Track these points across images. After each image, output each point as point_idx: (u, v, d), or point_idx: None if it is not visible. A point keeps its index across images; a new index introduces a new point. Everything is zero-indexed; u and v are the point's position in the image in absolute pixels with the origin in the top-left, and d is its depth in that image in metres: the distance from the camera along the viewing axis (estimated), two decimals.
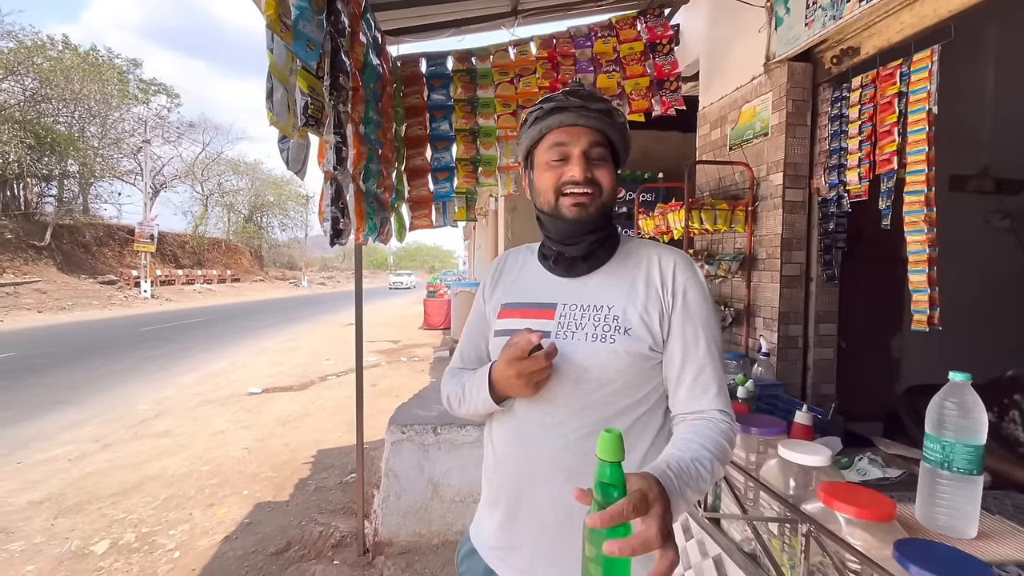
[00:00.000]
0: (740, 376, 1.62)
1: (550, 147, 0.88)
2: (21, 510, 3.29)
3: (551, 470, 0.85)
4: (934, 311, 1.78)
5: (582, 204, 0.87)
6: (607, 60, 2.91)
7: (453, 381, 0.99)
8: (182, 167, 30.08)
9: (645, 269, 0.90)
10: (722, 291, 2.70)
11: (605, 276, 0.91)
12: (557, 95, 0.89)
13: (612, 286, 0.90)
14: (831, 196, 2.16)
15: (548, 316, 0.90)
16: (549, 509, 0.86)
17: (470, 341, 1.04)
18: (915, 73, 1.76)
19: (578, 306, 0.89)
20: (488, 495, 0.98)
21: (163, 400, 6.01)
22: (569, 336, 0.87)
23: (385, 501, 2.74)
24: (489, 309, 1.00)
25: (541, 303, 0.92)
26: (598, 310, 0.87)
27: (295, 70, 1.31)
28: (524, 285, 0.97)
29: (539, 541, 0.87)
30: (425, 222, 2.92)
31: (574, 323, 0.88)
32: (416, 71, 2.88)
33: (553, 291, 0.93)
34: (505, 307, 0.96)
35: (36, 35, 19.24)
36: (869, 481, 1.28)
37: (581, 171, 0.86)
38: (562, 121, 0.87)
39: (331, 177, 1.63)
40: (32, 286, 16.64)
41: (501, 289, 1.00)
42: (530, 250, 1.03)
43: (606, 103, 0.89)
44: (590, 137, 0.87)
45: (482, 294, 1.04)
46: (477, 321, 1.03)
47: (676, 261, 0.91)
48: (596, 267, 0.92)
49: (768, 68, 2.34)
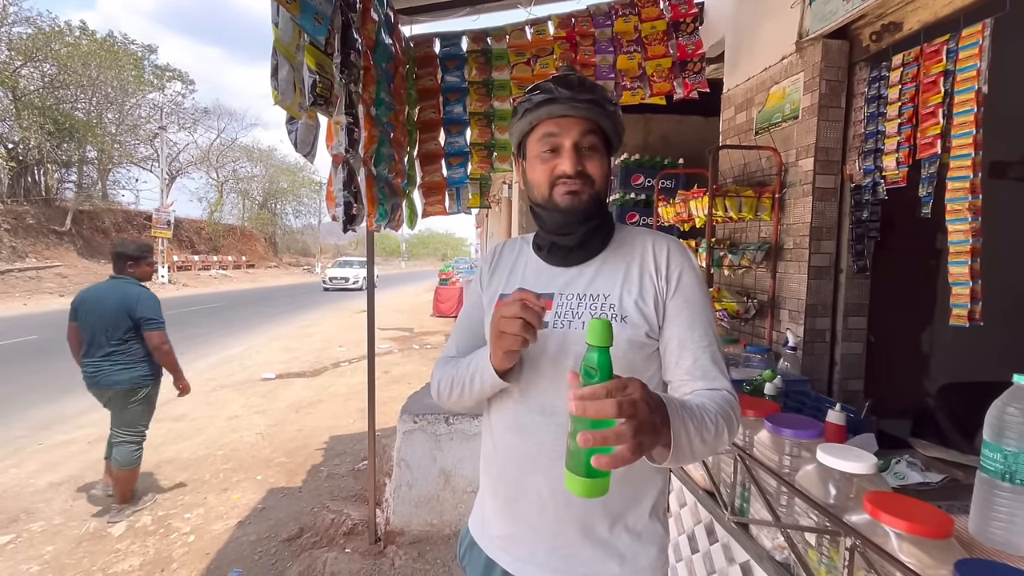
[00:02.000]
0: (767, 372, 1.54)
1: (541, 138, 0.88)
2: (42, 491, 3.36)
3: (550, 457, 0.86)
4: (976, 305, 1.67)
5: (574, 192, 0.88)
6: (628, 40, 2.79)
7: (446, 369, 0.98)
8: (197, 153, 30.29)
9: (639, 256, 0.92)
10: (745, 282, 2.60)
11: (600, 265, 0.92)
12: (546, 84, 0.87)
13: (607, 275, 0.91)
14: (866, 183, 2.05)
15: (546, 306, 0.90)
16: (549, 496, 0.87)
17: (467, 329, 1.03)
18: (964, 50, 1.63)
19: (575, 295, 0.90)
20: (487, 484, 0.98)
21: None
22: (567, 325, 0.88)
23: (397, 490, 2.72)
24: (486, 299, 1.00)
25: (539, 293, 0.91)
26: (594, 299, 0.89)
27: (302, 46, 1.24)
28: (520, 275, 0.97)
29: (539, 528, 0.89)
30: (438, 208, 2.85)
31: (571, 312, 0.89)
32: (429, 52, 2.79)
33: (549, 281, 0.93)
34: (503, 297, 0.95)
35: (54, 21, 19.38)
36: (908, 486, 1.21)
37: (572, 164, 0.86)
38: (551, 112, 0.86)
39: (342, 160, 1.57)
40: (54, 270, 16.99)
41: (499, 278, 1.00)
42: (525, 240, 1.03)
43: (597, 90, 0.87)
44: (580, 127, 0.87)
45: (479, 282, 1.03)
46: (474, 308, 1.03)
47: (670, 247, 0.92)
48: (591, 256, 0.93)
49: (800, 46, 2.21)
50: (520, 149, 0.95)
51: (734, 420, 0.80)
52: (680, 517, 1.53)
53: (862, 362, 2.22)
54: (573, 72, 0.91)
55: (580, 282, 0.91)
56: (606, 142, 0.90)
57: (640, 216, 3.73)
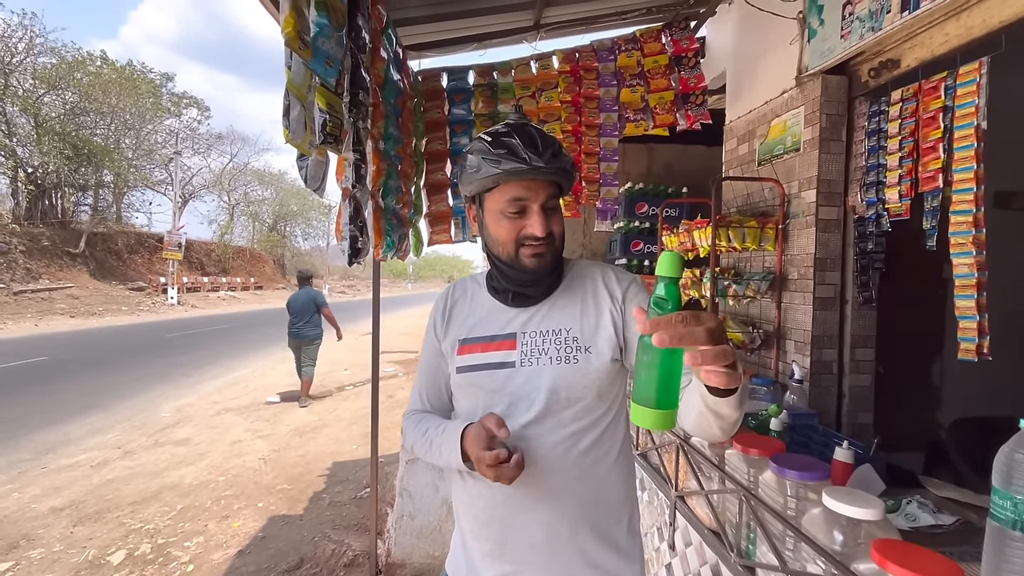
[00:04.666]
0: (773, 407, 1.52)
1: (508, 200, 0.88)
2: (42, 516, 3.34)
3: (539, 493, 0.89)
4: (983, 340, 1.66)
5: (541, 255, 0.90)
6: (631, 74, 2.85)
7: (417, 431, 0.99)
8: (210, 177, 31.01)
9: (591, 287, 0.96)
10: (750, 311, 2.59)
11: (556, 300, 0.95)
12: (512, 142, 0.85)
13: (563, 308, 0.94)
14: (869, 214, 2.05)
15: (509, 347, 0.93)
16: (541, 531, 0.89)
17: (429, 380, 1.05)
18: (961, 86, 1.66)
19: (538, 332, 0.93)
20: (470, 530, 0.97)
21: (184, 407, 6.10)
22: (534, 362, 0.91)
23: (399, 521, 2.68)
24: (446, 347, 1.00)
25: (500, 335, 0.94)
26: (557, 333, 0.92)
27: (313, 87, 1.29)
28: (478, 319, 0.98)
29: (533, 562, 0.91)
30: (444, 237, 2.88)
31: (537, 349, 0.91)
32: (437, 85, 2.87)
33: (509, 322, 0.95)
34: (464, 342, 0.97)
35: (77, 51, 20.14)
36: (920, 528, 1.18)
37: (542, 227, 0.88)
38: (520, 176, 0.85)
39: (350, 195, 1.60)
40: (65, 291, 17.22)
41: (456, 324, 1.00)
42: (475, 282, 1.04)
43: (560, 154, 0.88)
44: (547, 191, 0.89)
45: (434, 331, 1.03)
46: (433, 358, 1.03)
47: (616, 273, 0.97)
48: (548, 294, 0.96)
49: (800, 81, 2.25)
50: (477, 199, 0.93)
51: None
52: (686, 557, 1.49)
53: (871, 394, 2.18)
54: (527, 123, 0.90)
55: (537, 319, 0.94)
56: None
57: (644, 244, 3.75)
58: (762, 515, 1.08)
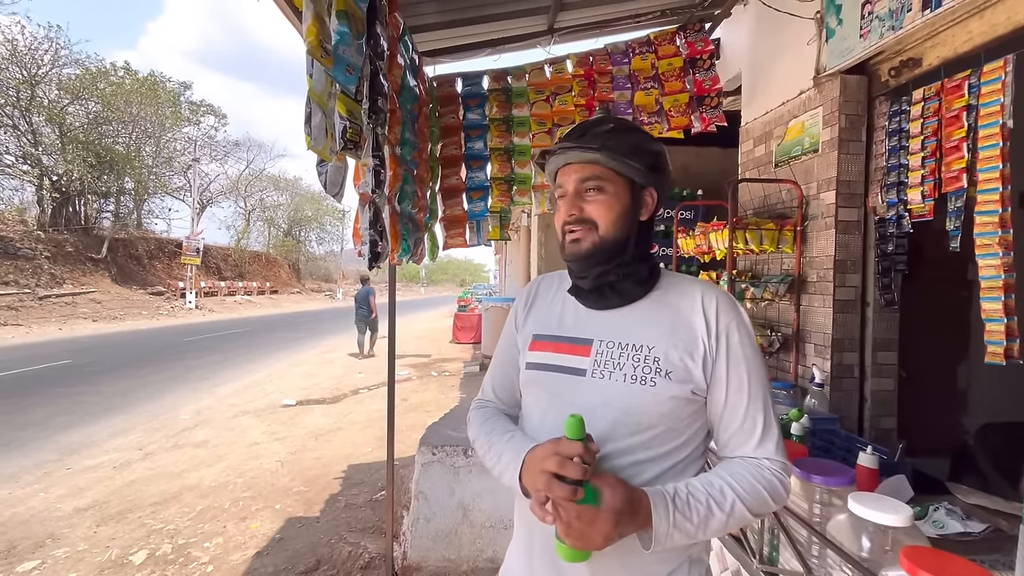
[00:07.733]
0: (794, 411, 1.50)
1: (554, 185, 0.93)
2: (67, 516, 3.41)
3: None
4: (1012, 343, 1.62)
5: (575, 240, 0.87)
6: (645, 77, 2.85)
7: (482, 429, 0.95)
8: (227, 183, 31.55)
9: (688, 309, 0.86)
10: (768, 314, 2.56)
11: (641, 313, 0.88)
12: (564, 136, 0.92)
13: (650, 324, 0.86)
14: (889, 216, 2.02)
15: (584, 352, 0.87)
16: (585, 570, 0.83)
17: (501, 370, 1.02)
18: (986, 85, 1.63)
19: (616, 344, 0.85)
20: (517, 532, 0.96)
21: (203, 410, 6.19)
22: (607, 376, 0.84)
23: (415, 523, 2.69)
24: (521, 339, 0.98)
25: (576, 338, 0.89)
26: (637, 350, 0.84)
27: (334, 94, 1.31)
28: (557, 316, 0.94)
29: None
30: (459, 241, 2.90)
31: (612, 362, 0.84)
32: (452, 91, 2.90)
33: (587, 325, 0.89)
34: (537, 338, 0.93)
35: (100, 62, 20.68)
36: (949, 536, 1.15)
37: (567, 210, 0.88)
38: (557, 164, 0.90)
39: (369, 200, 1.63)
40: (88, 296, 17.64)
41: (533, 317, 0.97)
42: (562, 278, 1.00)
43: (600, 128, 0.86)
44: (579, 173, 0.87)
45: (515, 320, 1.01)
46: (509, 348, 1.01)
47: (719, 301, 0.86)
48: (629, 301, 0.88)
49: (818, 82, 2.23)
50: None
51: (765, 498, 0.79)
52: None
53: (894, 399, 2.14)
54: (602, 117, 0.93)
55: (620, 330, 0.86)
56: (629, 182, 0.86)
57: (660, 247, 3.73)
58: (786, 521, 1.07)
